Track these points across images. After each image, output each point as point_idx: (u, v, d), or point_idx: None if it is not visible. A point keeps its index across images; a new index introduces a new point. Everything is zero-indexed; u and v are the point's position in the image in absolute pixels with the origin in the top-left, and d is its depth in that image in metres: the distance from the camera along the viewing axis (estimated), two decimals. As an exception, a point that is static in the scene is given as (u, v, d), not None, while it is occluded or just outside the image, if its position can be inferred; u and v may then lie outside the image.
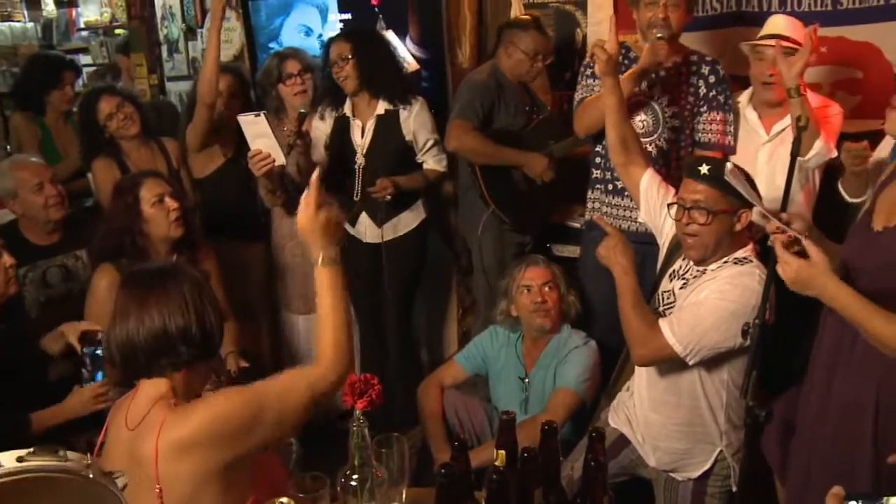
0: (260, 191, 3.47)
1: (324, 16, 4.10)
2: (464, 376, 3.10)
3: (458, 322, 4.13)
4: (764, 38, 2.81)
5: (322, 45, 4.02)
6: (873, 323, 1.77)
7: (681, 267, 2.48)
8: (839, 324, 1.90)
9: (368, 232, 3.49)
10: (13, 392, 2.39)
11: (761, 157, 2.88)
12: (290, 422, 1.77)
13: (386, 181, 3.28)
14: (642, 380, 2.51)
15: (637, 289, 2.36)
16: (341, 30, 3.64)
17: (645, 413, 2.51)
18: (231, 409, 1.69)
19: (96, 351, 2.38)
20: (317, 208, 1.77)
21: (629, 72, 2.85)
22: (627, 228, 3.02)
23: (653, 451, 2.51)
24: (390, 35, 3.71)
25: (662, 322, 2.29)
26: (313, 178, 1.79)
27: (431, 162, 3.48)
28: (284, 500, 1.64)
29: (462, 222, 3.69)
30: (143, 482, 1.64)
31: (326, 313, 1.82)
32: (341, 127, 3.45)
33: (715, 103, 2.95)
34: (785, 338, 2.22)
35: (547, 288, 2.91)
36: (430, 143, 3.44)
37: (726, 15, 3.35)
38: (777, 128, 2.88)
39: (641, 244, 2.94)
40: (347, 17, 3.98)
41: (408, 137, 3.40)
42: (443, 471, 1.62)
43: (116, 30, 6.13)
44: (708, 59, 2.99)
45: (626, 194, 3.01)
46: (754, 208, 2.12)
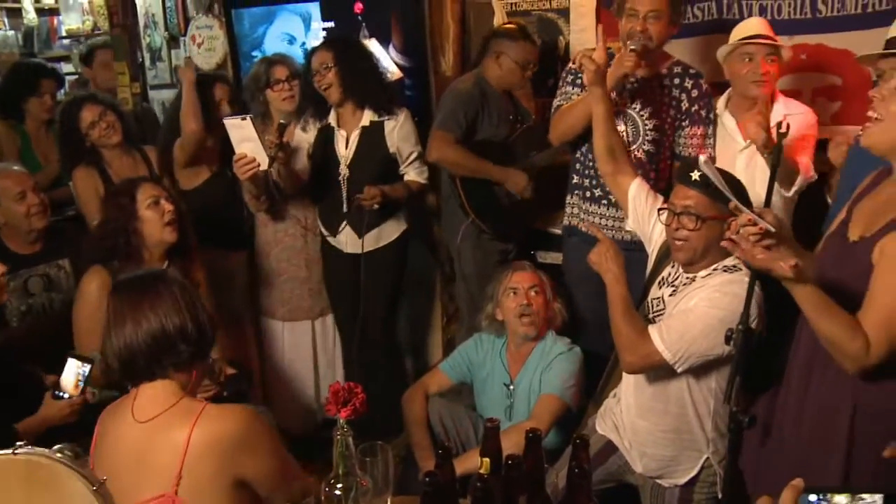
0: (244, 196, 3.45)
1: (307, 24, 4.10)
2: (449, 384, 3.09)
3: (442, 330, 4.13)
4: (747, 39, 2.83)
5: (305, 53, 4.03)
6: (820, 323, 1.80)
7: (670, 274, 2.49)
8: (813, 337, 1.92)
9: (349, 243, 3.48)
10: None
11: (739, 163, 2.89)
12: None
13: (374, 189, 3.27)
14: (630, 387, 2.52)
15: (627, 296, 2.37)
16: (324, 38, 3.64)
17: (632, 420, 2.52)
18: (265, 427, 1.80)
19: (87, 369, 2.37)
20: None
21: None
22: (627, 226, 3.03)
23: (640, 458, 2.52)
24: (373, 43, 3.71)
25: (652, 329, 2.30)
26: None
27: (413, 174, 3.48)
28: None
29: (444, 230, 3.69)
30: (154, 474, 1.69)
31: None
32: (325, 137, 3.44)
33: (697, 118, 2.96)
34: (769, 344, 2.24)
35: (533, 292, 2.91)
36: (413, 156, 3.44)
37: (707, 22, 3.38)
38: None
39: (622, 251, 2.95)
40: (330, 25, 3.97)
41: (391, 149, 3.39)
42: (427, 479, 1.62)
43: (98, 38, 6.10)
44: (692, 71, 2.99)
45: (604, 201, 3.04)
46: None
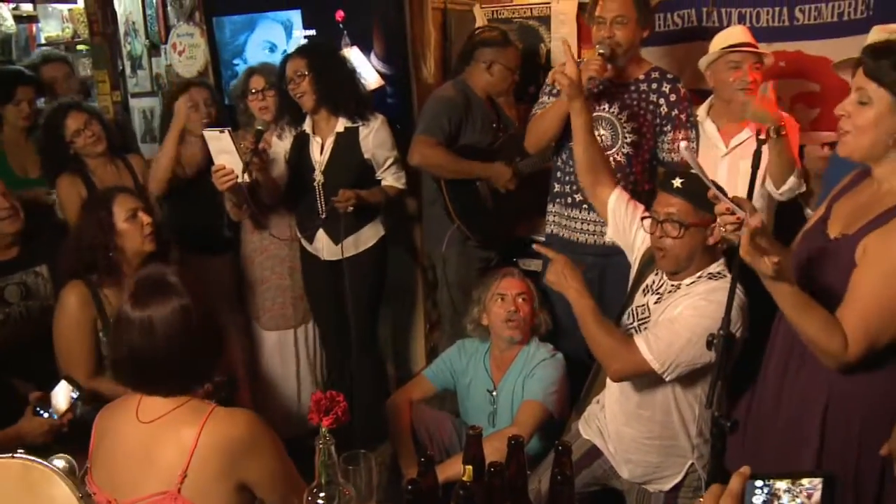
0: (226, 204, 3.44)
1: (288, 32, 4.09)
2: (433, 391, 3.09)
3: (425, 337, 4.12)
4: (732, 47, 2.85)
5: (287, 61, 4.03)
6: (799, 321, 1.82)
7: (654, 282, 2.50)
8: (790, 333, 1.94)
9: (326, 249, 3.47)
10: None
11: (721, 170, 2.91)
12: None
13: (349, 192, 3.26)
14: (614, 395, 2.53)
15: (595, 307, 2.36)
16: (298, 47, 3.63)
17: (617, 427, 2.52)
18: (270, 433, 1.81)
19: (77, 395, 2.36)
20: None
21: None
22: (586, 241, 3.05)
23: (625, 464, 2.53)
24: (355, 51, 3.71)
25: (638, 339, 2.30)
26: None
27: (391, 179, 3.47)
28: None
29: (426, 237, 3.69)
30: (158, 470, 1.71)
31: None
32: (300, 144, 3.44)
33: (678, 122, 2.98)
34: (750, 347, 2.25)
35: (521, 299, 2.92)
36: (389, 161, 3.43)
37: (688, 29, 3.40)
38: (735, 140, 2.91)
39: (601, 257, 2.97)
40: (312, 33, 3.97)
41: (366, 155, 3.38)
42: (409, 487, 1.62)
43: (79, 45, 6.07)
44: (669, 76, 3.02)
45: (585, 207, 3.05)
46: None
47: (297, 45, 3.66)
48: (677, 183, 2.31)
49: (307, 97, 3.29)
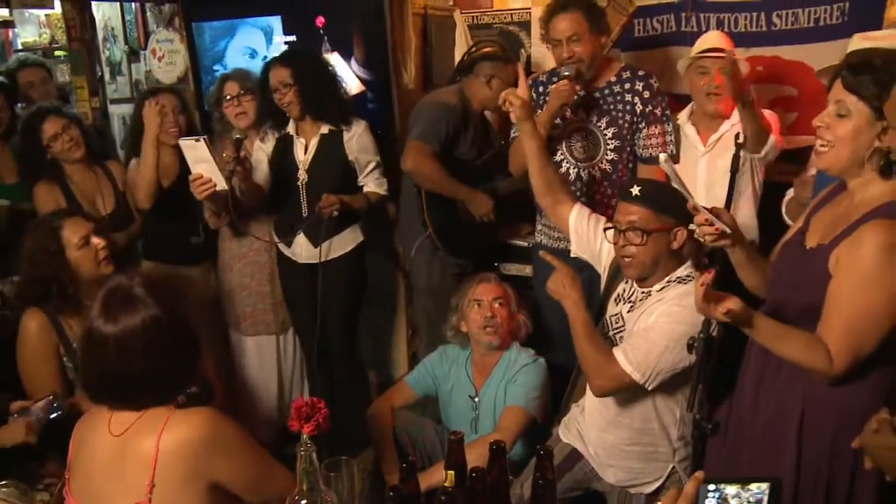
0: (204, 213, 3.42)
1: (269, 38, 4.07)
2: (414, 397, 3.08)
3: (407, 343, 4.11)
4: (704, 52, 2.89)
5: (266, 67, 4.01)
6: (778, 349, 1.86)
7: (625, 290, 2.51)
8: None
9: (304, 252, 3.45)
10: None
11: (700, 169, 2.98)
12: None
13: (332, 197, 3.25)
14: (594, 401, 2.53)
15: (589, 320, 2.37)
16: (280, 53, 3.61)
17: (598, 433, 2.53)
18: (232, 426, 1.79)
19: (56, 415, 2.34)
20: None
21: (539, 115, 2.92)
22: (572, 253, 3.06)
23: (607, 468, 2.53)
24: (335, 57, 3.71)
25: (616, 351, 2.31)
26: None
27: (373, 185, 3.46)
28: None
29: (399, 237, 3.64)
30: (127, 485, 1.69)
31: None
32: (284, 145, 3.42)
33: (652, 117, 3.01)
34: (729, 349, 2.26)
35: (497, 304, 2.91)
36: (372, 165, 3.43)
37: (667, 35, 3.43)
38: (713, 138, 2.98)
39: (587, 267, 2.97)
40: (292, 39, 3.96)
41: (350, 157, 3.38)
42: (391, 493, 1.61)
43: (57, 51, 6.01)
44: (640, 73, 3.04)
45: None
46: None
47: (280, 52, 3.64)
48: (635, 191, 2.33)
49: (293, 106, 3.29)
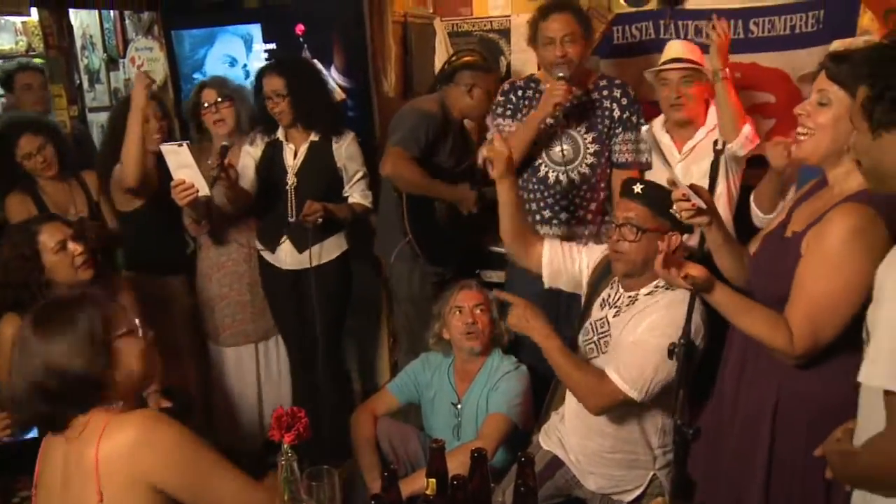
0: (185, 220, 3.40)
1: (248, 46, 4.07)
2: (397, 405, 3.07)
3: (389, 350, 4.10)
4: (665, 64, 2.93)
5: (247, 75, 4.00)
6: (740, 322, 1.93)
7: (610, 295, 2.53)
8: (745, 335, 1.98)
9: (289, 259, 3.44)
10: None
11: (677, 172, 2.97)
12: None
13: (316, 204, 3.25)
14: (573, 409, 2.53)
15: (563, 346, 2.37)
16: (275, 61, 3.58)
17: (579, 441, 2.53)
18: (168, 427, 1.71)
19: None
20: None
21: (530, 116, 2.96)
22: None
23: (588, 475, 2.53)
24: (315, 65, 3.70)
25: (609, 370, 2.30)
26: None
27: (358, 196, 3.47)
28: None
29: (378, 244, 3.63)
30: (77, 499, 1.66)
31: None
32: (272, 151, 3.42)
33: (629, 124, 3.08)
34: (712, 354, 2.28)
35: (479, 310, 2.92)
36: (359, 175, 3.44)
37: (646, 42, 3.46)
38: (688, 146, 3.00)
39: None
40: (272, 46, 3.95)
41: (339, 164, 3.39)
42: (373, 501, 1.61)
43: (34, 59, 5.97)
44: (616, 81, 3.10)
45: (555, 221, 3.14)
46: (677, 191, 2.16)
47: (275, 60, 3.62)
48: (637, 188, 2.39)
49: (285, 115, 3.31)
